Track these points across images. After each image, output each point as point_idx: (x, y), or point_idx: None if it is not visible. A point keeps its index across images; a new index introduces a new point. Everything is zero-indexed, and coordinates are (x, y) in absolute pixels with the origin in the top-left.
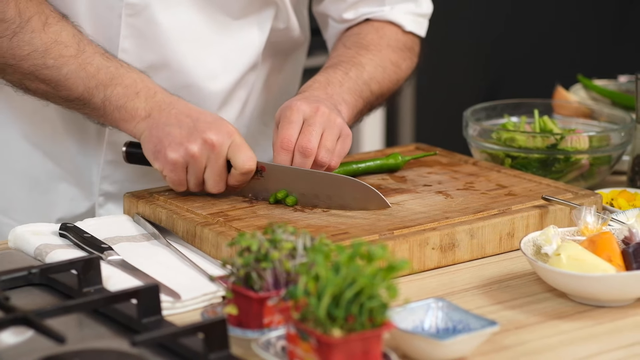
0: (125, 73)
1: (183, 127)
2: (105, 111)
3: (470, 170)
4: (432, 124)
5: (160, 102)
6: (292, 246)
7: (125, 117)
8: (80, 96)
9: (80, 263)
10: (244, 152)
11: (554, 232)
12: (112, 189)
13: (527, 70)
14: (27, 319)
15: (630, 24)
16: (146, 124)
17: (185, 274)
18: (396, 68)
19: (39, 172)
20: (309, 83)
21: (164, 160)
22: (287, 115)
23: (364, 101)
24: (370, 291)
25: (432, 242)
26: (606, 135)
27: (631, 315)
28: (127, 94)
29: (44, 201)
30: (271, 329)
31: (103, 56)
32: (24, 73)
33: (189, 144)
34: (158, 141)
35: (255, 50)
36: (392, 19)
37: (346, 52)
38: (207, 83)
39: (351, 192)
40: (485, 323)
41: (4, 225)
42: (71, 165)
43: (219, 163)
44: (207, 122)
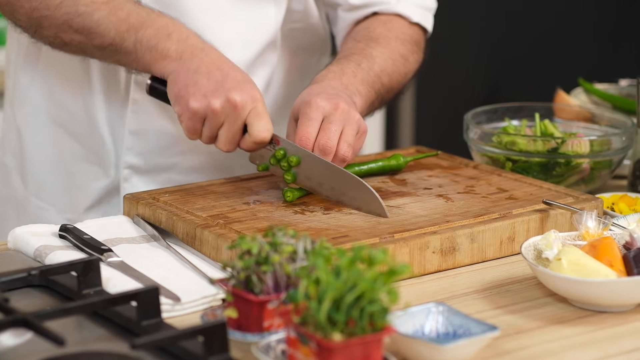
0: (157, 17)
1: (211, 79)
2: (137, 54)
3: (471, 174)
4: (432, 127)
5: (192, 46)
6: (292, 249)
7: (156, 58)
8: (113, 41)
9: (80, 265)
10: (262, 121)
11: (555, 236)
12: (136, 161)
13: (528, 73)
14: (26, 321)
15: (631, 27)
16: (176, 65)
17: (185, 277)
18: (404, 61)
19: (64, 153)
20: (323, 73)
21: (184, 106)
22: (306, 112)
23: (376, 93)
24: (370, 295)
25: (433, 245)
26: (607, 139)
27: (632, 321)
28: (159, 35)
29: (71, 183)
30: (271, 332)
31: (134, 3)
32: (58, 24)
33: (212, 98)
34: (183, 86)
35: (272, 27)
36: (399, 11)
37: (356, 45)
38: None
39: (354, 191)
40: (486, 328)
41: (38, 209)
42: (95, 141)
43: (237, 124)
44: (236, 81)
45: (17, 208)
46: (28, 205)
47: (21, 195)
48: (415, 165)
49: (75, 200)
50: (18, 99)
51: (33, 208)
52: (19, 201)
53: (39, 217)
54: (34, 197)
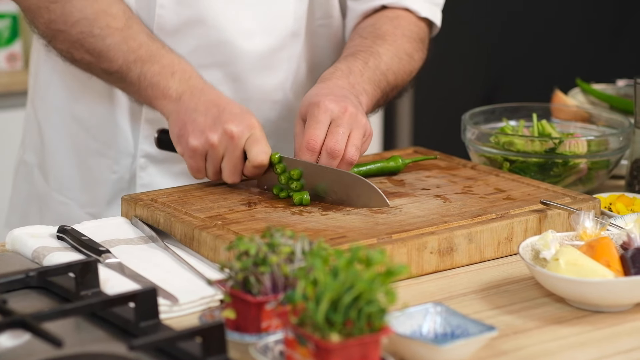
0: (165, 54)
1: (208, 116)
2: (139, 87)
3: (469, 174)
4: (430, 127)
5: (192, 87)
6: (290, 250)
7: (157, 95)
8: (119, 69)
9: (78, 266)
10: (259, 146)
11: (553, 236)
12: (152, 149)
13: (526, 74)
14: (24, 322)
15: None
16: (175, 106)
17: (183, 278)
18: (410, 59)
19: (81, 147)
20: (330, 70)
21: (185, 145)
22: (314, 114)
23: (382, 91)
24: (368, 296)
25: (431, 246)
26: (604, 139)
27: (630, 321)
28: (163, 72)
29: (89, 177)
30: (269, 333)
31: (148, 36)
32: (72, 41)
33: (209, 133)
34: (182, 125)
35: (292, 15)
36: (407, 5)
37: (363, 41)
38: (241, 41)
39: (356, 189)
40: (484, 328)
41: (61, 205)
42: (112, 133)
43: (236, 154)
44: (232, 113)
45: (40, 205)
46: (51, 201)
47: (43, 192)
48: (413, 165)
49: (95, 194)
50: (39, 95)
51: (55, 204)
52: (42, 197)
53: (61, 213)
54: (56, 192)
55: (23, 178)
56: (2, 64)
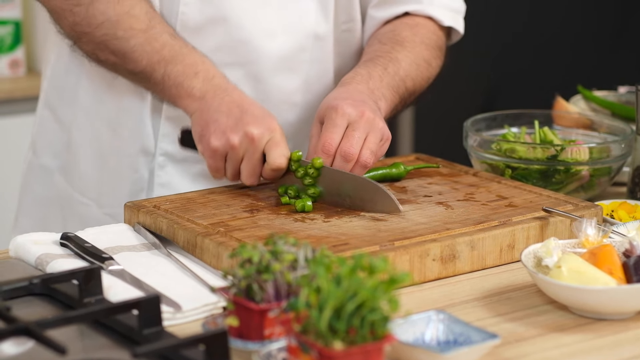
0: (188, 53)
1: (230, 117)
2: (164, 86)
3: (471, 181)
4: (432, 134)
5: (216, 87)
6: (293, 258)
7: (181, 94)
8: (144, 70)
9: (81, 273)
10: (278, 149)
11: (555, 244)
12: (171, 148)
13: (527, 81)
14: (28, 330)
15: (630, 35)
16: (198, 105)
17: (186, 285)
18: (428, 66)
19: (105, 146)
20: (350, 75)
21: (206, 145)
22: (332, 117)
23: (400, 97)
24: (371, 303)
25: (433, 253)
26: (606, 146)
27: (632, 328)
28: (186, 72)
29: (110, 177)
30: (272, 340)
31: (171, 35)
32: (97, 42)
33: (231, 134)
34: (205, 125)
35: (314, 17)
36: (431, 14)
37: (382, 47)
38: (264, 41)
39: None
40: (486, 336)
41: (82, 206)
42: (135, 131)
43: (255, 156)
44: (254, 116)
45: (63, 208)
46: (73, 203)
47: (66, 194)
48: (415, 172)
49: (115, 194)
50: (64, 99)
51: (77, 205)
52: (64, 201)
53: (83, 215)
54: (78, 194)
55: (37, 182)
56: (5, 70)
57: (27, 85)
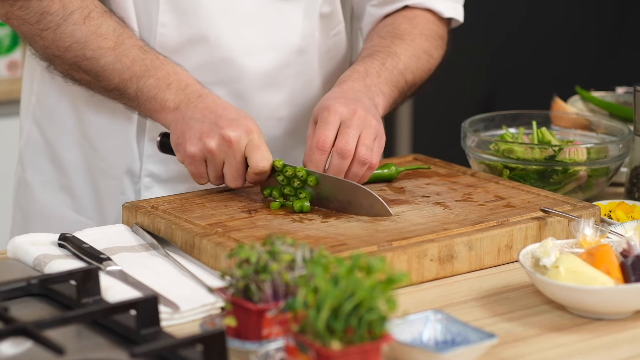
0: (160, 65)
1: (205, 122)
2: (138, 102)
3: (469, 182)
4: (430, 134)
5: (189, 95)
6: (291, 258)
7: (156, 108)
8: (117, 87)
9: (79, 274)
10: (259, 152)
11: (553, 244)
12: (156, 169)
13: (525, 81)
14: (26, 330)
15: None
16: (174, 116)
17: (184, 285)
18: (429, 57)
19: (93, 168)
20: (347, 73)
21: (183, 152)
22: (324, 116)
23: (399, 91)
24: (369, 303)
25: (431, 253)
26: (604, 147)
27: (629, 328)
28: (159, 85)
29: (101, 198)
30: (270, 340)
31: (141, 49)
32: (69, 64)
33: (207, 139)
34: (181, 134)
35: (300, 32)
36: (431, 6)
37: (381, 42)
38: (245, 59)
39: (359, 199)
40: (484, 335)
41: (79, 224)
42: (120, 153)
43: (236, 160)
44: (229, 119)
45: (49, 224)
46: (63, 220)
47: (54, 210)
48: (413, 173)
49: (106, 214)
50: (47, 117)
51: (73, 223)
52: (51, 217)
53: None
54: (73, 211)
55: (23, 196)
56: (3, 72)
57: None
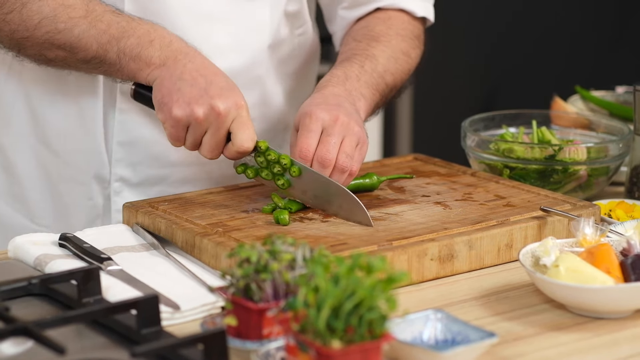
0: (137, 25)
1: (194, 87)
2: (121, 64)
3: (469, 181)
4: (430, 134)
5: (176, 52)
6: (291, 257)
7: (140, 66)
8: (96, 54)
9: (80, 273)
10: (245, 131)
11: (553, 243)
12: (126, 173)
13: (525, 81)
14: (27, 330)
15: (628, 35)
16: (159, 72)
17: (185, 285)
18: (407, 57)
19: (52, 174)
20: (327, 78)
21: (168, 113)
22: (306, 123)
23: (380, 94)
24: (369, 303)
25: (431, 253)
26: (604, 146)
27: (629, 327)
28: (141, 43)
29: (62, 204)
30: (270, 340)
31: (113, 13)
32: (40, 43)
33: (195, 106)
34: (167, 93)
35: (267, 30)
36: (403, 7)
37: (358, 45)
38: (214, 59)
39: (341, 201)
40: (484, 334)
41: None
42: (85, 157)
43: (220, 132)
44: (219, 87)
45: (5, 232)
46: (20, 228)
47: (7, 219)
48: (413, 172)
49: (69, 221)
50: (1, 120)
51: (26, 231)
52: (5, 225)
53: None
54: (29, 221)
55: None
56: None
57: None
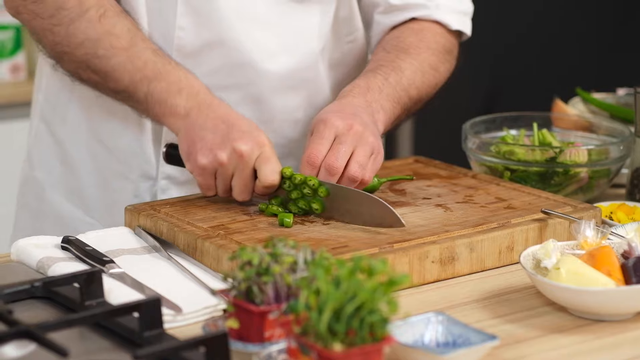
0: (172, 70)
1: (217, 133)
2: (147, 105)
3: (470, 183)
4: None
5: (201, 103)
6: (293, 260)
7: (165, 113)
8: (126, 88)
9: (83, 276)
10: (269, 165)
11: (554, 245)
12: (174, 171)
13: (526, 83)
14: (29, 333)
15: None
16: (183, 123)
17: (187, 287)
18: (435, 72)
19: (105, 170)
20: (349, 88)
21: (194, 163)
22: (319, 129)
23: (402, 107)
24: (370, 305)
25: (432, 255)
26: (605, 148)
27: (631, 330)
28: (170, 90)
29: (113, 200)
30: (272, 342)
31: (154, 52)
32: (78, 62)
33: (218, 151)
34: (191, 143)
35: (316, 35)
36: (438, 18)
37: (386, 56)
38: (264, 63)
39: (369, 208)
40: (485, 337)
41: (86, 225)
42: (136, 155)
43: (246, 173)
44: (241, 131)
45: (58, 223)
46: (74, 221)
47: (65, 211)
48: (413, 175)
49: (116, 216)
50: (57, 115)
51: (79, 224)
52: (60, 216)
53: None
54: (82, 212)
55: (32, 195)
56: (6, 75)
57: (27, 90)
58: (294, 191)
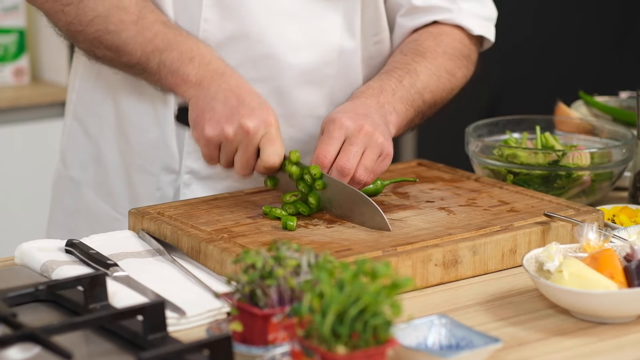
0: (183, 40)
1: (226, 106)
2: (160, 75)
3: (473, 187)
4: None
5: (213, 71)
6: (296, 263)
7: (177, 82)
8: (139, 61)
9: (87, 279)
10: (273, 147)
11: (556, 248)
12: (196, 165)
13: (529, 86)
14: (34, 336)
15: (631, 40)
16: (194, 91)
17: (190, 290)
18: (451, 77)
19: (128, 163)
20: (362, 89)
21: (200, 132)
22: (329, 129)
23: (415, 110)
24: (374, 308)
25: (435, 258)
26: (608, 151)
27: (633, 332)
28: (182, 59)
29: (136, 194)
30: (276, 345)
31: (163, 24)
32: (91, 39)
33: (225, 125)
34: (200, 112)
35: (339, 32)
36: (460, 23)
37: (402, 58)
38: (287, 56)
39: (360, 208)
40: (488, 340)
41: (113, 220)
42: (156, 147)
43: (250, 150)
44: (250, 107)
45: (92, 221)
46: (104, 217)
47: (97, 208)
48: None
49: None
50: (89, 112)
51: (107, 219)
52: (95, 214)
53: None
54: (110, 208)
55: (66, 194)
56: (9, 79)
57: (31, 94)
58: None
